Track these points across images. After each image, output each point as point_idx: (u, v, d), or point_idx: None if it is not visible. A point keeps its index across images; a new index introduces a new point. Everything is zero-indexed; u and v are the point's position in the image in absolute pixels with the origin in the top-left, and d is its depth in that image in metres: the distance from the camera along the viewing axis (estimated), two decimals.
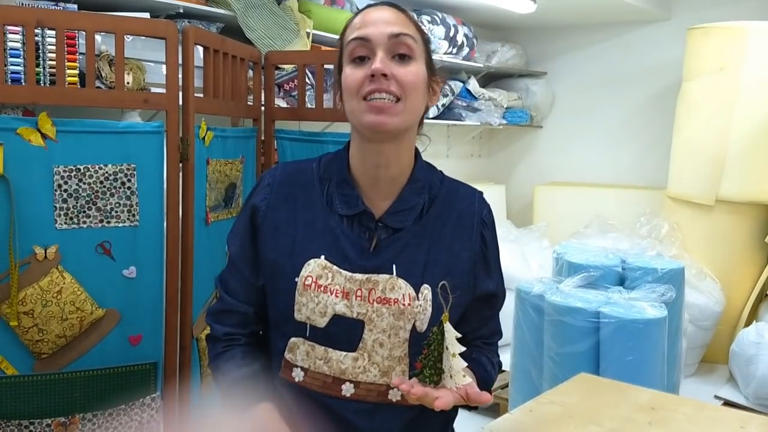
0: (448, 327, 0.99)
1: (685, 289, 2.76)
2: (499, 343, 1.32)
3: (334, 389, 1.13)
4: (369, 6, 1.16)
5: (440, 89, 1.20)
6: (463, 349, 0.99)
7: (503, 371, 2.97)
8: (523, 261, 3.68)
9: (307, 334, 1.13)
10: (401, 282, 1.13)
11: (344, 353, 1.12)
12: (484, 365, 1.22)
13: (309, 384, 1.13)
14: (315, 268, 1.12)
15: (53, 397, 1.68)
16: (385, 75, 1.07)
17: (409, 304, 1.12)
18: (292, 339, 1.14)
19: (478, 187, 1.29)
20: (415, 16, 1.20)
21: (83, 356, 1.73)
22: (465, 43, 3.99)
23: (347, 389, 1.13)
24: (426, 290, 1.14)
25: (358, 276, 1.12)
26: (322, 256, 1.12)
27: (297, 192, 1.18)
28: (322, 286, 1.11)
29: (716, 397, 3.13)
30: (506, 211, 4.78)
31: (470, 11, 4.07)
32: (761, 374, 2.95)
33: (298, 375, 1.14)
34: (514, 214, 4.81)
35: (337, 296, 1.12)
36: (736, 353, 3.14)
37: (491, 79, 4.73)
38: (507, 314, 1.90)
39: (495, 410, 3.13)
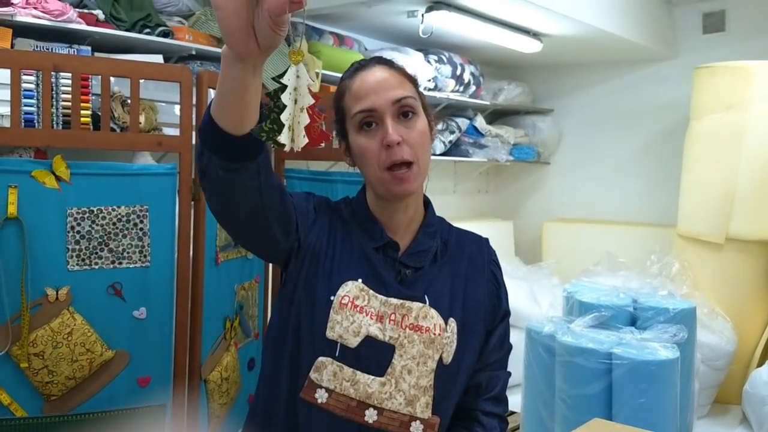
0: (303, 71, 0.83)
1: (696, 329, 2.73)
2: (509, 384, 1.32)
3: (357, 414, 1.13)
4: (360, 67, 1.21)
5: (435, 123, 1.27)
6: (313, 101, 0.84)
7: (513, 413, 2.95)
8: (532, 299, 3.65)
9: (337, 354, 1.13)
10: (433, 312, 1.17)
11: (372, 377, 1.13)
12: None
13: (332, 406, 1.13)
14: (353, 289, 1.15)
15: None
16: (398, 143, 1.14)
17: (439, 334, 1.16)
18: (320, 358, 1.14)
19: (486, 223, 1.38)
20: (400, 62, 1.24)
21: (92, 398, 1.72)
22: (472, 82, 4.03)
23: (370, 415, 1.13)
24: (452, 323, 1.19)
25: (393, 301, 1.16)
26: (360, 280, 1.16)
27: (335, 219, 1.23)
28: (359, 307, 1.14)
29: None
30: (514, 247, 4.76)
31: (476, 50, 4.12)
32: None
33: (321, 396, 1.13)
34: (523, 250, 4.79)
35: (372, 318, 1.14)
36: (750, 394, 3.09)
37: (498, 116, 4.76)
38: (517, 354, 1.88)
39: None
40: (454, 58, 3.87)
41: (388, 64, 1.21)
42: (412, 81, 1.22)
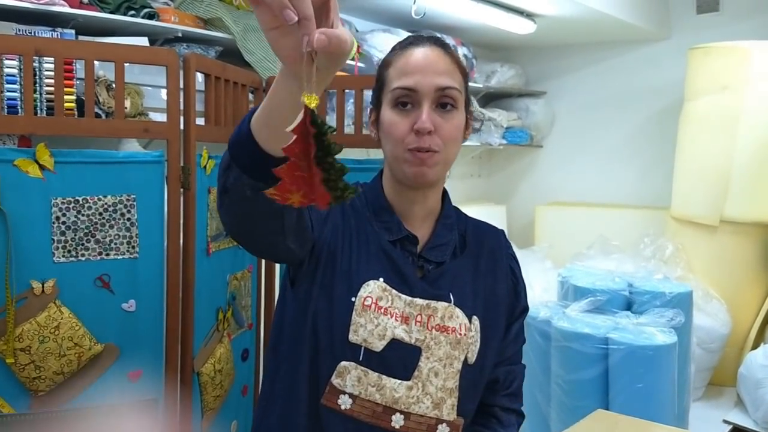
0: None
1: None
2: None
3: (383, 420, 1.08)
4: (414, 41, 1.14)
5: (472, 122, 1.21)
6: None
7: None
8: (526, 283, 3.63)
9: (361, 358, 1.08)
10: (458, 311, 1.13)
11: (398, 381, 1.08)
12: None
13: (356, 413, 1.08)
14: (375, 289, 1.10)
15: None
16: (429, 133, 1.08)
17: (464, 334, 1.12)
18: (343, 363, 1.08)
19: (479, 207, 1.36)
20: (457, 51, 1.18)
21: (81, 393, 1.68)
22: (464, 64, 3.98)
23: (397, 420, 1.08)
24: (476, 321, 1.15)
25: (419, 301, 1.11)
26: (381, 279, 1.11)
27: (348, 213, 1.17)
28: (383, 308, 1.09)
29: (725, 421, 3.08)
30: (507, 232, 4.72)
31: (470, 32, 4.06)
32: None
33: (344, 402, 1.08)
34: (516, 234, 4.77)
35: (396, 320, 1.09)
36: (745, 377, 3.09)
37: (491, 99, 4.71)
38: None
39: None
40: (447, 39, 3.81)
41: (445, 47, 1.15)
42: (463, 73, 1.16)
